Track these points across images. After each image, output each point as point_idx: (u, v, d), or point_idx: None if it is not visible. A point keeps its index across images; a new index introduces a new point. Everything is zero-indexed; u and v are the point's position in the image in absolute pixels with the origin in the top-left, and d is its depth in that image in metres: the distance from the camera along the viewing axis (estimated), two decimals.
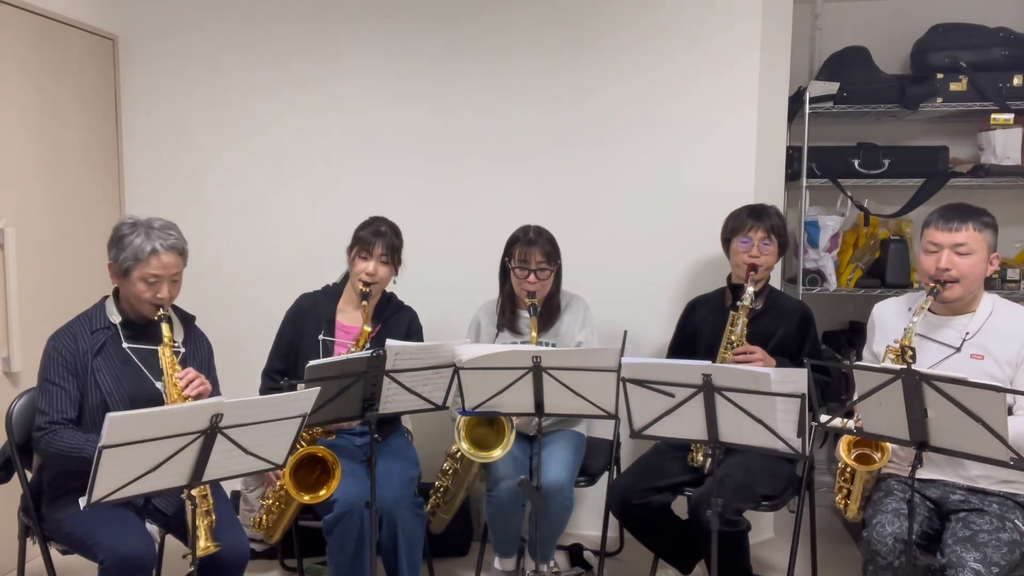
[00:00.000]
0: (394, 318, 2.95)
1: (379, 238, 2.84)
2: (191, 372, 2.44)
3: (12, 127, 3.27)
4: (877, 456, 2.38)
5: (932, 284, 2.41)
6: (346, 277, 2.97)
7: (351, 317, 2.90)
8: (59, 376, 2.40)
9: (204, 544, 2.20)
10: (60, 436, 2.35)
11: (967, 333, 2.44)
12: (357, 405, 2.39)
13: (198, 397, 2.41)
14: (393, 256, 2.88)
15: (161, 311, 2.44)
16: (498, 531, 2.95)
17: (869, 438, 2.31)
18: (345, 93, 3.71)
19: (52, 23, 3.45)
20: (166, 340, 2.42)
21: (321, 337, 2.88)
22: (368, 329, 2.79)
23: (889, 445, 2.34)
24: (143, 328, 2.50)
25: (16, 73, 3.28)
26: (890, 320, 2.60)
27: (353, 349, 2.76)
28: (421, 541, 2.77)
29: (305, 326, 2.91)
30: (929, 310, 2.46)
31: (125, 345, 2.48)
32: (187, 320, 2.66)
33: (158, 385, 2.44)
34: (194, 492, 2.21)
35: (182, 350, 2.56)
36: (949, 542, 2.26)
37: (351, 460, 2.75)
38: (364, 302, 2.79)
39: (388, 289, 2.99)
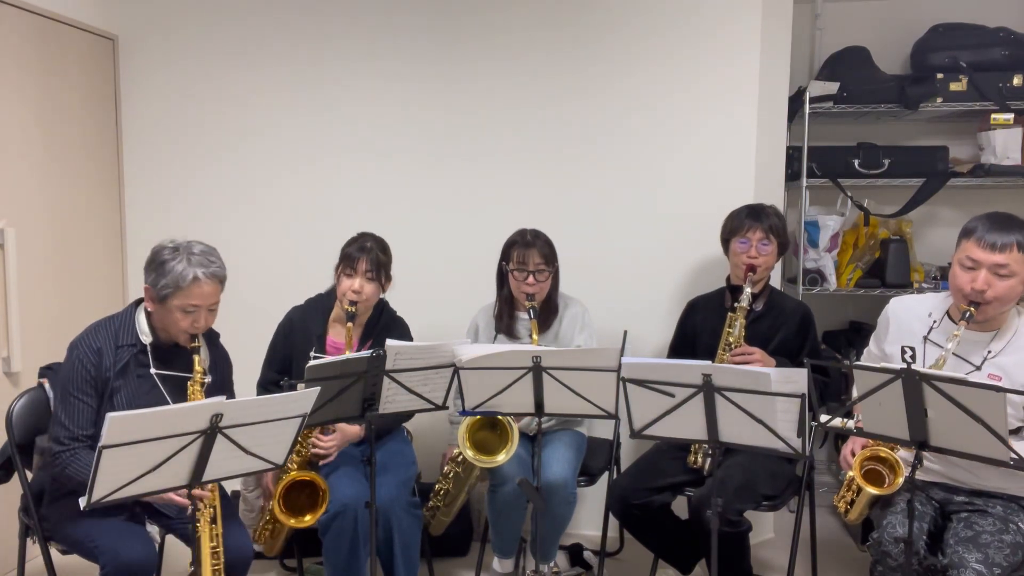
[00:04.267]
0: (385, 333, 2.87)
1: (364, 254, 2.79)
2: None
3: (12, 127, 3.27)
4: (889, 477, 2.33)
5: (965, 307, 2.29)
6: (334, 291, 2.93)
7: (341, 333, 2.83)
8: (81, 390, 2.34)
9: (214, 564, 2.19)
10: (79, 458, 2.30)
11: (989, 351, 2.36)
12: (357, 405, 2.39)
13: None
14: (379, 272, 2.81)
15: (196, 341, 2.35)
16: (500, 529, 2.95)
17: (869, 438, 2.31)
18: (344, 94, 3.71)
19: (52, 23, 3.45)
20: (197, 376, 2.33)
21: (312, 354, 2.84)
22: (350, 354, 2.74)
23: (902, 472, 2.30)
24: (169, 351, 2.42)
25: (16, 73, 3.28)
26: (907, 321, 2.51)
27: None
28: (418, 541, 2.77)
29: (297, 341, 2.89)
30: (949, 317, 2.43)
31: (153, 371, 2.41)
32: (212, 339, 2.58)
33: None
34: (201, 505, 2.20)
35: (208, 379, 2.44)
36: (951, 542, 2.25)
37: (347, 460, 2.76)
38: (349, 323, 2.74)
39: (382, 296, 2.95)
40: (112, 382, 2.36)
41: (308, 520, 2.55)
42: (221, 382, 2.56)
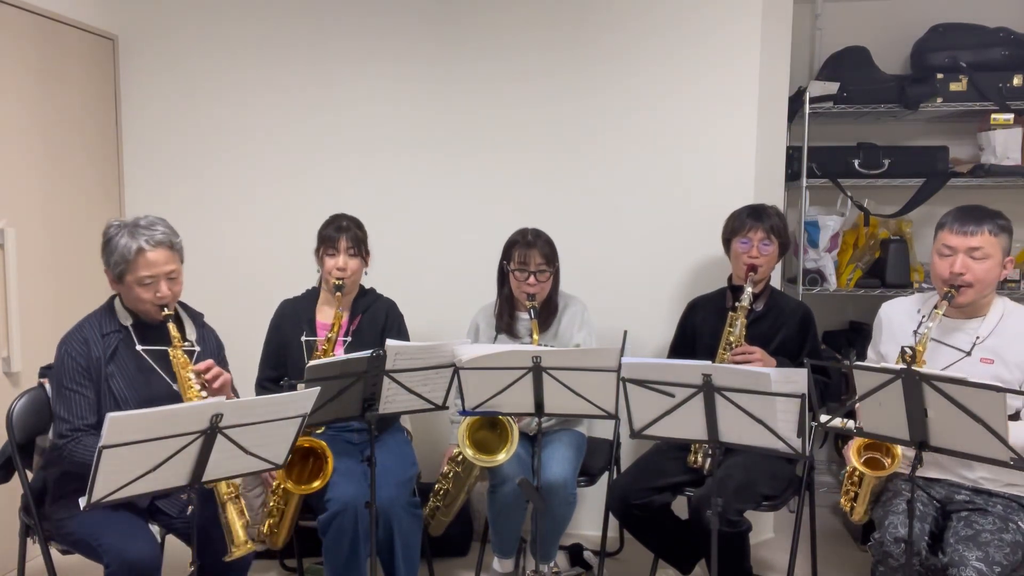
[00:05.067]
0: (371, 309, 2.98)
1: (342, 232, 2.89)
2: (214, 367, 2.39)
3: (12, 127, 3.27)
4: (887, 461, 2.36)
5: (946, 289, 2.38)
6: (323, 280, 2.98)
7: (330, 315, 2.89)
8: (75, 382, 2.36)
9: (244, 539, 2.19)
10: (84, 444, 2.32)
11: (978, 337, 2.42)
12: (357, 405, 2.39)
13: (220, 390, 2.39)
14: (359, 248, 2.91)
15: (166, 311, 2.38)
16: (500, 529, 2.95)
17: (869, 438, 2.31)
18: (343, 94, 3.72)
19: (52, 23, 3.45)
20: (175, 342, 2.37)
21: (304, 338, 2.89)
22: (340, 314, 2.80)
23: (899, 450, 2.32)
24: (155, 328, 2.44)
25: (16, 73, 3.28)
26: (898, 321, 2.58)
27: (330, 335, 2.78)
28: (418, 541, 2.77)
29: (288, 330, 2.93)
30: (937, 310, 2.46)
31: (139, 347, 2.44)
32: (196, 317, 2.62)
33: (175, 387, 2.40)
34: (224, 492, 2.21)
35: (197, 348, 2.51)
36: (951, 541, 2.26)
37: (348, 459, 2.76)
38: (338, 292, 2.82)
39: (365, 283, 3.02)
40: (104, 368, 2.38)
41: (316, 485, 2.57)
42: (213, 360, 2.56)
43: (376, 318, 2.96)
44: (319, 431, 2.77)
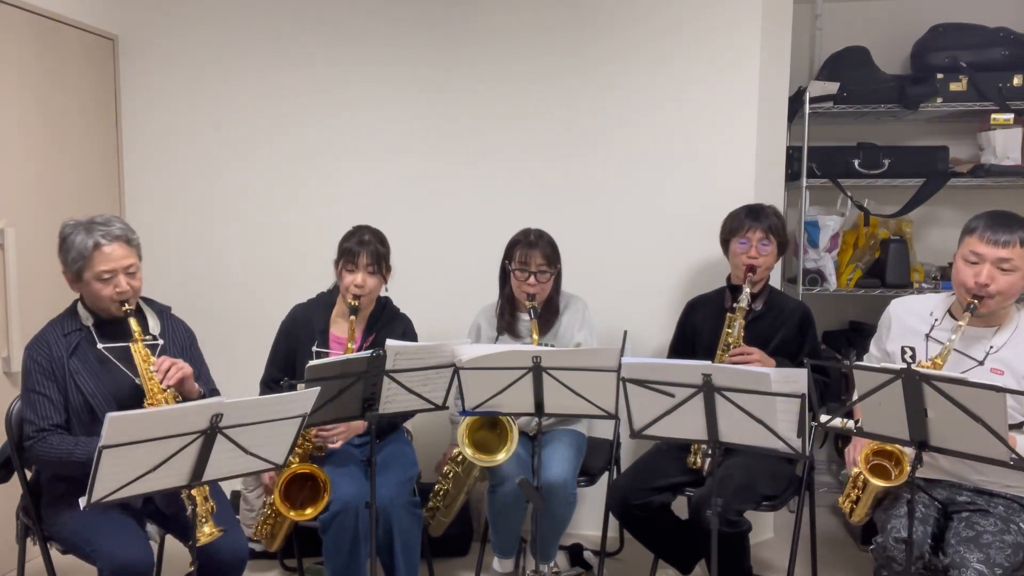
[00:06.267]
0: (388, 327, 2.93)
1: (363, 247, 2.82)
2: (165, 361, 2.38)
3: (12, 127, 3.27)
4: (895, 472, 2.34)
5: (969, 299, 2.33)
6: (337, 287, 2.96)
7: (344, 328, 2.87)
8: (39, 384, 2.37)
9: (209, 531, 2.20)
10: (48, 443, 2.34)
11: (991, 347, 2.39)
12: (357, 405, 2.39)
13: (180, 384, 2.39)
14: (380, 265, 2.85)
15: (126, 306, 2.39)
16: (500, 529, 2.95)
17: (869, 438, 2.31)
18: (345, 96, 3.71)
19: (52, 23, 3.45)
20: (136, 336, 2.37)
21: (315, 349, 2.86)
22: (352, 347, 2.77)
23: (907, 461, 2.30)
24: (116, 326, 2.44)
25: (16, 73, 3.28)
26: (909, 321, 2.54)
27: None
28: (418, 541, 2.77)
29: (299, 337, 2.90)
30: (951, 315, 2.44)
31: (100, 346, 2.44)
32: (162, 311, 2.62)
33: (138, 381, 2.40)
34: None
35: (160, 342, 2.51)
36: (952, 542, 2.25)
37: (348, 460, 2.76)
38: (353, 316, 2.77)
39: (383, 294, 2.97)
40: (68, 364, 2.39)
41: (309, 513, 2.56)
42: (179, 352, 2.56)
43: (391, 337, 2.91)
44: (320, 454, 2.74)
